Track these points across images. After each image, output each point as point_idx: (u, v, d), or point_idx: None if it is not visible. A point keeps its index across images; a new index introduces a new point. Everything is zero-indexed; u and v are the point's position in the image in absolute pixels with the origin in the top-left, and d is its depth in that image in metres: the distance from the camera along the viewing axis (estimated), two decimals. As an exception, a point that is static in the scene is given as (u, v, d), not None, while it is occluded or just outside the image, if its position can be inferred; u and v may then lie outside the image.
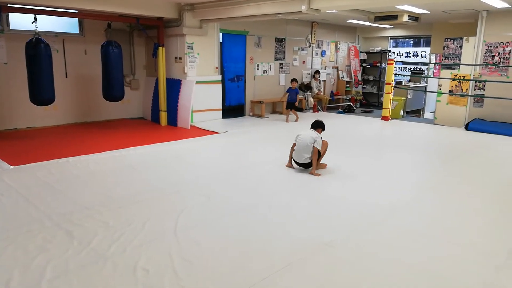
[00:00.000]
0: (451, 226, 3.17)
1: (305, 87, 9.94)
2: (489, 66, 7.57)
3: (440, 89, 8.26)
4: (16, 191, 3.80)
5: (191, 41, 7.53)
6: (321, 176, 4.44)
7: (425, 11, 7.76)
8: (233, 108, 8.79)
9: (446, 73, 8.11)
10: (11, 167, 4.60)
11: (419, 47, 11.80)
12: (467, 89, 7.87)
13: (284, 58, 9.69)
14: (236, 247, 2.77)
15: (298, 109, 8.90)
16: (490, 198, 3.86)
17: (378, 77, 11.78)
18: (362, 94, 11.72)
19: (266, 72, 9.31)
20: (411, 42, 12.13)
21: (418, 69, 11.39)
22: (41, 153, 5.26)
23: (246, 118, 8.66)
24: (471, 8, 7.40)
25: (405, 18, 7.71)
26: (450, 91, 8.06)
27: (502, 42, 7.42)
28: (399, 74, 10.83)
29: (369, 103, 11.85)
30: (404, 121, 8.73)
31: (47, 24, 6.83)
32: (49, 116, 7.23)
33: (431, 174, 4.75)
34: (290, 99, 8.36)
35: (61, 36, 7.17)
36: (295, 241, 2.86)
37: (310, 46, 10.34)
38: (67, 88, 7.33)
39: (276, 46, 9.44)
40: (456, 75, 7.93)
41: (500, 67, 7.46)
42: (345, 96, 11.22)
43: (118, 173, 4.51)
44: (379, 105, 10.77)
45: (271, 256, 2.63)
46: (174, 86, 7.73)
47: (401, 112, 9.33)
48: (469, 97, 7.83)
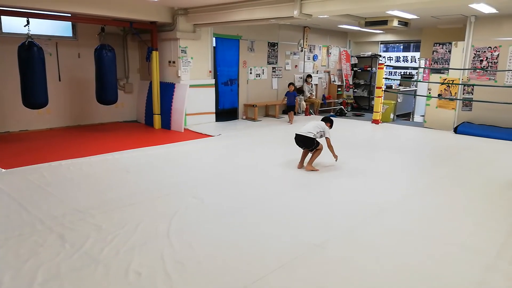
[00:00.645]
0: (442, 227, 3.24)
1: (297, 91, 10.02)
2: (478, 70, 7.72)
3: (430, 93, 8.39)
4: (8, 195, 3.79)
5: (184, 45, 7.57)
6: (312, 178, 4.50)
7: (415, 17, 7.89)
8: (226, 112, 8.83)
9: (435, 77, 8.25)
10: (3, 170, 4.59)
11: (409, 51, 11.98)
12: (456, 93, 8.01)
13: (276, 62, 9.78)
14: (229, 249, 2.80)
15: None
16: (478, 199, 3.95)
17: (368, 81, 11.93)
18: (353, 98, 11.85)
19: (259, 76, 9.38)
20: (401, 47, 12.30)
21: (408, 74, 11.55)
22: (33, 156, 5.25)
23: (239, 122, 8.71)
24: (460, 14, 7.55)
25: (395, 23, 7.83)
26: (439, 95, 8.20)
27: (490, 47, 7.58)
28: (389, 78, 10.98)
29: (360, 107, 11.98)
30: (394, 124, 8.84)
31: (40, 27, 6.83)
32: (42, 120, 7.21)
33: (421, 176, 4.84)
34: (289, 102, 8.73)
35: (54, 39, 7.17)
36: (287, 243, 2.90)
37: (302, 51, 10.45)
38: (60, 91, 7.32)
39: (269, 51, 9.52)
40: (445, 79, 8.07)
41: (488, 72, 7.61)
42: (336, 100, 11.33)
43: (111, 176, 4.52)
44: (370, 109, 10.89)
45: (264, 258, 2.67)
46: (167, 89, 7.75)
47: (392, 116, 9.45)
48: (458, 101, 7.97)
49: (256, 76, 9.33)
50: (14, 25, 6.53)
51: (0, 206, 3.51)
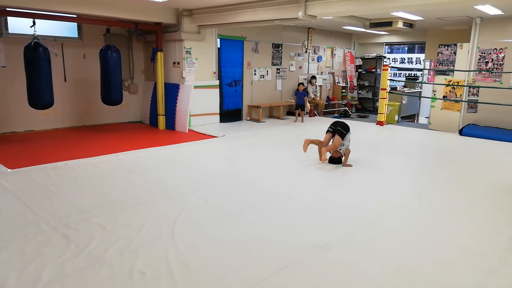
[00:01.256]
0: (445, 230, 3.22)
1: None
2: (483, 72, 7.68)
3: (435, 94, 8.35)
4: (13, 194, 3.82)
5: (189, 46, 7.59)
6: (316, 180, 4.50)
7: (420, 18, 7.86)
8: (230, 113, 8.85)
9: (440, 79, 8.21)
10: (9, 170, 4.62)
11: (413, 53, 11.92)
12: (461, 94, 7.97)
13: (281, 64, 9.78)
14: (233, 250, 2.81)
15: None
16: (482, 202, 3.92)
17: (373, 83, 11.89)
18: (357, 99, 11.82)
19: (263, 77, 9.39)
20: (406, 48, 12.25)
21: (412, 75, 11.51)
22: (39, 156, 5.29)
23: (243, 123, 8.71)
24: (465, 15, 7.51)
25: (400, 24, 7.81)
26: (444, 97, 8.16)
27: (495, 49, 7.54)
28: (394, 80, 10.94)
29: (365, 108, 11.94)
30: (399, 126, 8.81)
31: (46, 28, 6.87)
32: (47, 120, 7.26)
33: (425, 178, 4.81)
34: (299, 101, 9.08)
35: (60, 40, 7.22)
36: (290, 244, 2.89)
37: (306, 52, 10.44)
38: (65, 92, 7.36)
39: (273, 52, 9.52)
40: (450, 81, 8.03)
41: (494, 73, 7.57)
42: (341, 101, 11.31)
43: (116, 177, 4.54)
44: (374, 110, 10.86)
45: (267, 259, 2.67)
46: (172, 90, 7.78)
47: (396, 117, 9.42)
48: (463, 102, 7.92)
49: (260, 77, 9.33)
50: (20, 26, 6.59)
51: (5, 206, 3.54)
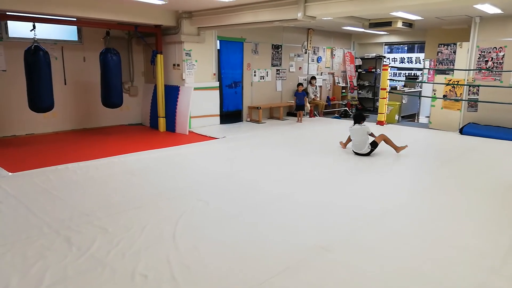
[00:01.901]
0: (445, 229, 3.22)
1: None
2: (483, 71, 7.68)
3: (435, 94, 8.35)
4: (15, 198, 3.83)
5: (189, 48, 7.61)
6: (317, 180, 4.51)
7: (419, 18, 7.87)
8: (230, 114, 8.86)
9: (440, 78, 8.21)
10: (10, 173, 4.63)
11: (413, 53, 11.93)
12: (461, 93, 7.97)
13: (280, 65, 9.79)
14: (235, 251, 2.81)
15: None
16: (483, 201, 3.91)
17: (373, 83, 11.89)
18: (357, 100, 11.82)
19: (263, 78, 9.40)
20: (406, 48, 12.26)
21: (412, 75, 11.51)
22: (40, 159, 5.29)
23: (244, 124, 8.72)
24: (464, 14, 7.52)
25: (399, 24, 7.82)
26: (444, 96, 8.16)
27: (495, 47, 7.54)
28: (394, 80, 10.94)
29: (365, 108, 11.94)
30: (399, 126, 8.80)
31: (46, 31, 6.89)
32: (48, 123, 7.27)
33: (426, 178, 4.81)
34: (299, 102, 9.13)
35: (60, 43, 7.23)
36: (292, 245, 2.89)
37: (306, 53, 10.45)
38: (66, 95, 7.38)
39: (272, 53, 9.53)
40: (450, 80, 8.03)
41: (494, 72, 7.57)
42: (341, 102, 11.31)
43: (117, 179, 4.54)
44: (375, 110, 10.86)
45: (269, 260, 2.67)
46: (172, 92, 7.79)
47: (396, 117, 9.42)
48: (463, 101, 7.92)
49: (260, 79, 9.34)
50: (20, 30, 6.61)
51: (7, 210, 3.55)
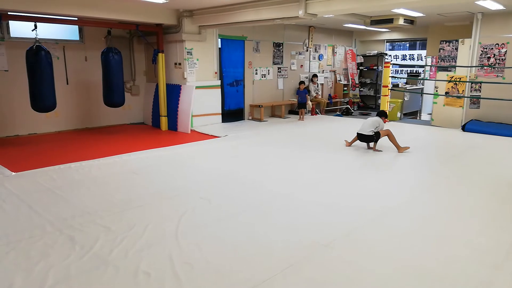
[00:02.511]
0: (449, 226, 3.22)
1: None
2: (485, 67, 7.64)
3: (437, 91, 8.33)
4: (18, 197, 3.85)
5: (190, 47, 7.61)
6: (319, 179, 4.50)
7: (421, 14, 7.83)
8: (232, 112, 8.86)
9: (442, 75, 8.18)
10: (13, 173, 4.65)
11: (415, 49, 11.89)
12: (463, 90, 7.94)
13: (282, 63, 9.78)
14: (237, 250, 2.82)
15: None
16: (487, 198, 3.91)
17: (375, 80, 11.87)
18: (359, 97, 11.80)
19: (264, 77, 9.39)
20: (407, 45, 12.22)
21: (414, 72, 11.47)
22: (42, 159, 5.32)
23: (245, 122, 8.72)
24: (466, 11, 7.48)
25: (401, 21, 7.78)
26: (446, 93, 8.13)
27: (497, 44, 7.50)
28: (395, 77, 10.91)
29: (367, 106, 11.93)
30: (402, 123, 8.79)
31: (47, 31, 6.91)
32: (50, 123, 7.29)
33: (429, 175, 4.80)
34: (301, 100, 9.16)
35: (62, 43, 7.25)
36: (294, 243, 2.90)
37: (307, 50, 10.43)
38: (68, 94, 7.40)
39: (274, 51, 9.52)
40: (452, 77, 8.00)
41: (496, 69, 7.53)
42: (343, 99, 11.30)
43: (119, 178, 4.56)
44: (377, 108, 10.84)
45: (272, 258, 2.68)
46: (174, 91, 7.80)
47: (398, 114, 9.39)
48: (466, 98, 7.89)
49: (262, 77, 9.33)
50: (22, 29, 6.62)
51: (11, 209, 3.56)
